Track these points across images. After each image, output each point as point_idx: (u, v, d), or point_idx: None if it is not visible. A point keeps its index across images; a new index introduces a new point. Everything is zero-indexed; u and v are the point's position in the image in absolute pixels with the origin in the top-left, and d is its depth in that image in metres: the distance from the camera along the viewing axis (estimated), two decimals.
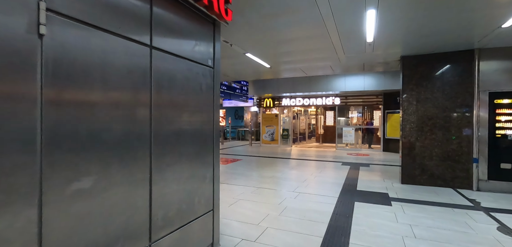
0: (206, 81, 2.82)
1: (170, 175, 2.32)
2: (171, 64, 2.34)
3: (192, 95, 2.61)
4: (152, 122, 2.12)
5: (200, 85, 2.72)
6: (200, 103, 2.73)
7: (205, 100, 2.80)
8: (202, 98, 2.76)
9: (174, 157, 2.37)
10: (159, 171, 2.19)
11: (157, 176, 2.18)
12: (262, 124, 16.41)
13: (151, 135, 2.11)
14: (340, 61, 6.85)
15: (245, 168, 8.28)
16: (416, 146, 6.15)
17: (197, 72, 2.67)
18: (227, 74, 9.07)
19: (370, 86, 12.44)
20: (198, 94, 2.69)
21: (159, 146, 2.20)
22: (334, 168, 8.35)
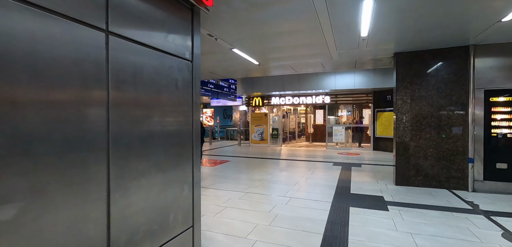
0: (183, 76, 2.40)
1: (135, 190, 1.89)
2: (137, 55, 1.91)
3: (165, 92, 2.19)
4: (109, 125, 1.69)
5: (176, 80, 2.30)
6: (175, 101, 2.31)
7: (181, 97, 2.39)
8: (178, 96, 2.34)
9: (142, 167, 1.95)
10: (120, 187, 1.76)
11: (118, 194, 1.75)
12: (251, 123, 16.03)
13: (108, 142, 1.68)
14: (332, 58, 6.55)
15: (233, 171, 7.88)
16: (411, 146, 5.92)
17: (171, 66, 2.25)
18: (214, 71, 8.63)
19: (360, 85, 12.29)
20: (173, 91, 2.27)
21: (121, 155, 1.77)
22: (325, 169, 8.07)
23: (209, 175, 7.31)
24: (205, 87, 11.29)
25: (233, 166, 8.77)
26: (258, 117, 15.91)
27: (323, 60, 6.92)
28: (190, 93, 2.51)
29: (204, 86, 11.21)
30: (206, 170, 8.03)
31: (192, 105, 2.53)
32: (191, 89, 2.51)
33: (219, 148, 14.64)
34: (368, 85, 12.17)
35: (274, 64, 7.42)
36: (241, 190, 5.63)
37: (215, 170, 7.96)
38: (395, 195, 5.26)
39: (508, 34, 4.81)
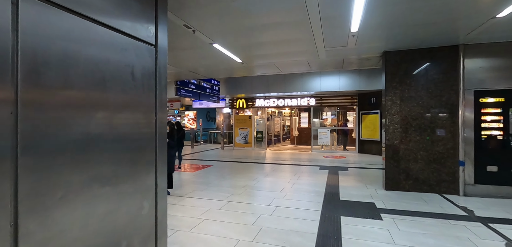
0: (143, 64, 1.90)
1: (64, 213, 1.36)
2: (69, 30, 1.39)
3: (116, 83, 1.68)
4: (19, 126, 1.16)
5: (132, 69, 1.79)
6: (131, 95, 1.80)
7: (141, 91, 1.88)
8: (136, 88, 1.83)
9: (76, 180, 1.43)
10: (36, 211, 1.23)
11: (32, 221, 1.22)
12: (235, 126, 15.52)
13: (16, 147, 1.15)
14: (319, 56, 6.22)
15: (215, 176, 7.34)
16: (400, 149, 5.67)
17: (126, 49, 1.75)
18: (196, 71, 8.07)
19: (346, 86, 12.14)
20: (127, 82, 1.76)
21: (40, 165, 1.24)
22: (312, 173, 7.72)
23: (189, 181, 6.73)
24: (185, 87, 10.68)
25: (215, 171, 8.23)
26: (242, 119, 15.43)
27: (310, 59, 6.58)
28: (154, 86, 2.00)
29: (184, 86, 10.60)
30: (185, 176, 7.44)
31: (155, 102, 2.02)
32: (154, 81, 2.00)
33: (202, 152, 14.00)
34: (353, 87, 12.04)
35: (258, 63, 6.99)
36: (222, 199, 5.12)
37: (196, 176, 7.39)
38: (386, 201, 4.96)
39: (500, 33, 4.66)
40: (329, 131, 13.87)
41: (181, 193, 5.56)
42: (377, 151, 12.35)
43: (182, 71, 7.99)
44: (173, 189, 5.66)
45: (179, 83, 10.20)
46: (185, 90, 10.67)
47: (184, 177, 7.32)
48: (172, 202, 4.91)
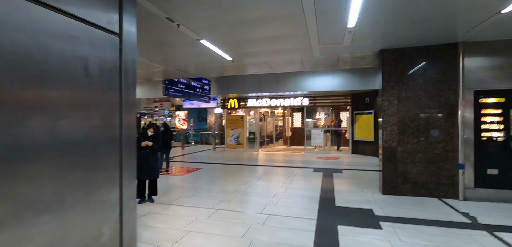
0: (102, 57, 1.53)
1: None
2: None
3: (59, 80, 1.31)
4: None
5: (85, 62, 1.43)
6: (83, 94, 1.44)
7: (98, 90, 1.52)
8: (90, 87, 1.47)
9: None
10: None
11: None
12: (227, 126, 15.15)
13: None
14: (313, 54, 5.93)
15: (205, 180, 6.97)
16: (398, 152, 5.43)
17: (74, 37, 1.38)
18: (185, 69, 7.68)
19: (339, 86, 11.93)
20: (78, 78, 1.40)
21: None
22: (306, 176, 7.43)
23: (176, 186, 6.34)
24: (174, 87, 10.24)
25: (205, 174, 7.85)
26: (234, 120, 15.07)
27: (304, 57, 6.28)
28: (117, 83, 1.64)
29: (173, 86, 10.16)
30: (173, 180, 7.04)
31: (120, 101, 1.66)
32: (118, 77, 1.64)
33: (192, 153, 13.57)
34: (347, 86, 11.84)
35: (250, 61, 6.65)
36: (211, 206, 4.76)
37: (184, 180, 7.00)
38: (384, 207, 4.69)
39: (502, 30, 4.45)
40: (322, 132, 13.64)
41: (166, 200, 5.17)
42: (371, 152, 12.18)
43: (170, 69, 7.59)
44: (158, 196, 5.27)
45: (167, 83, 9.76)
46: (174, 90, 10.23)
47: (171, 181, 6.92)
48: (155, 211, 4.53)
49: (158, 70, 7.41)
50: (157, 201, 5.08)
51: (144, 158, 4.89)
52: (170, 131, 8.10)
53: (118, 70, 1.65)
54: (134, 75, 1.79)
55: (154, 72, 7.86)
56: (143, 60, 6.28)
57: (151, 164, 4.95)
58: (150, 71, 7.72)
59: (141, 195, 5.04)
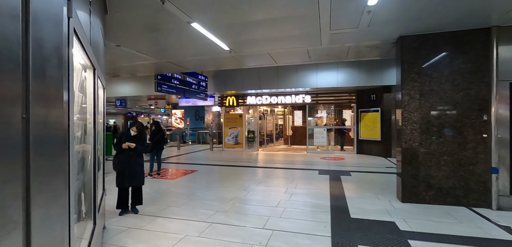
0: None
1: None
2: None
3: None
4: None
5: None
6: None
7: None
8: None
9: None
10: None
11: None
12: (225, 125, 14.42)
13: None
14: (322, 42, 5.21)
15: (200, 185, 6.25)
16: (420, 153, 4.73)
17: None
18: (178, 62, 6.95)
19: (344, 82, 11.23)
20: None
21: None
22: (311, 180, 6.72)
23: (166, 192, 5.62)
24: (168, 82, 9.50)
25: (201, 178, 7.13)
26: (232, 118, 14.34)
27: (310, 47, 5.57)
28: (18, 66, 0.92)
29: (166, 81, 9.42)
30: (164, 185, 6.31)
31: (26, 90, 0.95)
32: (20, 58, 0.93)
33: (188, 154, 12.85)
34: (352, 83, 11.14)
35: (249, 51, 5.93)
36: (204, 219, 4.05)
37: (176, 185, 6.27)
38: (408, 219, 3.99)
39: None
40: (325, 131, 12.95)
41: (153, 210, 4.45)
42: (378, 151, 11.50)
43: (162, 62, 6.85)
44: (143, 206, 4.55)
45: (159, 78, 9.02)
46: (167, 86, 9.49)
47: (161, 186, 6.19)
48: (138, 225, 3.81)
49: (147, 62, 6.67)
50: (142, 212, 4.35)
51: (126, 162, 4.16)
52: (161, 130, 7.37)
53: (19, 49, 0.92)
54: (57, 58, 1.08)
55: (144, 65, 7.12)
56: (128, 50, 5.54)
57: (134, 169, 4.22)
58: (138, 64, 6.97)
59: (123, 205, 4.31)
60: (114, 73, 8.47)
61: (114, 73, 8.47)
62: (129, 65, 7.16)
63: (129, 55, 5.92)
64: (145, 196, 5.18)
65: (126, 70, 8.02)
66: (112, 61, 6.66)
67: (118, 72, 8.49)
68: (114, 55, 6.14)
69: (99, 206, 2.92)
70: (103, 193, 3.54)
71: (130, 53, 5.75)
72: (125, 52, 5.73)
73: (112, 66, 7.26)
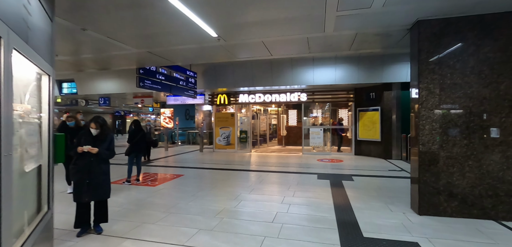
0: None
1: None
2: None
3: None
4: None
5: None
6: None
7: None
8: None
9: None
10: None
11: None
12: (216, 125, 13.58)
13: None
14: (325, 29, 4.48)
15: (184, 193, 5.43)
16: (440, 157, 4.04)
17: None
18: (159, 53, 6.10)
19: (342, 80, 10.57)
20: None
21: None
22: (310, 185, 5.99)
23: (142, 203, 4.77)
24: (151, 78, 8.62)
25: (186, 184, 6.31)
26: (223, 117, 13.52)
27: (312, 33, 4.82)
28: None
29: (150, 76, 8.54)
30: (141, 193, 5.46)
31: None
32: None
33: (176, 155, 11.96)
34: (351, 80, 10.49)
35: (240, 39, 5.14)
36: (183, 241, 3.25)
37: (156, 193, 5.44)
38: (433, 237, 3.29)
39: None
40: (322, 131, 12.27)
41: (121, 229, 3.62)
42: (377, 153, 10.89)
43: (140, 53, 5.99)
44: (110, 223, 3.71)
45: (142, 72, 8.14)
46: (151, 82, 8.61)
47: (139, 195, 5.34)
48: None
49: (124, 53, 5.80)
50: (107, 231, 3.52)
51: (86, 170, 3.32)
52: (142, 130, 6.51)
53: None
54: None
55: (121, 57, 6.23)
56: (97, 35, 4.68)
57: (97, 178, 3.38)
58: (114, 55, 6.08)
59: (83, 223, 3.47)
60: (80, 66, 7.46)
61: (80, 66, 7.46)
62: (103, 56, 6.26)
63: (100, 42, 5.05)
64: (116, 209, 4.35)
65: (100, 63, 7.09)
66: (80, 50, 5.76)
67: (89, 65, 7.49)
68: (84, 44, 5.27)
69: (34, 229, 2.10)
70: (49, 211, 2.70)
71: (100, 40, 4.89)
72: (95, 39, 4.86)
73: (82, 56, 6.33)
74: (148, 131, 10.17)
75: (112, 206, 4.44)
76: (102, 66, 7.64)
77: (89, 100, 16.53)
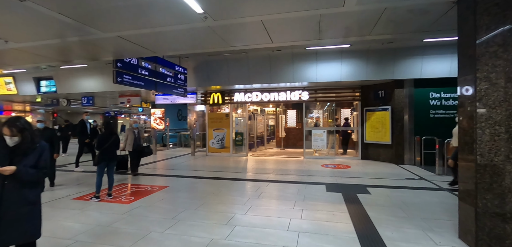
0: None
1: None
2: None
3: None
4: None
5: None
6: None
7: None
8: None
9: None
10: None
11: None
12: (209, 126, 12.41)
13: None
14: (345, 3, 3.38)
15: (162, 214, 4.28)
16: (506, 172, 2.96)
17: None
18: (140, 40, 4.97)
19: (349, 76, 9.50)
20: None
21: None
22: (319, 202, 4.88)
23: (104, 232, 3.60)
24: (132, 72, 7.43)
25: (169, 200, 5.16)
26: (217, 118, 12.36)
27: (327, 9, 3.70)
28: None
29: (130, 70, 7.36)
30: (108, 214, 4.29)
31: None
32: None
33: (165, 160, 10.77)
34: (359, 76, 9.43)
35: (233, 18, 4.00)
36: None
37: (127, 215, 4.28)
38: None
39: None
40: (325, 133, 11.19)
41: None
42: (387, 157, 9.84)
43: (109, 39, 4.82)
44: None
45: (120, 65, 6.95)
46: (131, 77, 7.42)
47: (103, 218, 4.17)
48: None
49: (88, 37, 4.63)
50: None
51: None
52: (114, 134, 5.33)
53: None
54: None
55: (86, 43, 5.06)
56: (42, 10, 3.51)
57: (14, 212, 2.22)
58: (77, 42, 4.89)
59: None
60: (39, 56, 6.17)
61: (39, 56, 6.17)
62: (63, 45, 5.06)
63: (51, 22, 3.88)
64: (65, 242, 3.18)
65: (62, 52, 5.85)
66: (33, 34, 4.57)
67: (50, 55, 6.20)
68: (31, 24, 4.09)
69: None
70: None
71: (50, 18, 3.72)
72: (42, 16, 3.69)
73: (37, 44, 5.12)
74: (136, 136, 7.64)
75: (62, 238, 3.28)
76: (65, 58, 6.43)
77: (71, 100, 15.23)
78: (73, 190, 5.81)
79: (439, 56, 8.62)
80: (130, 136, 7.63)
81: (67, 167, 8.85)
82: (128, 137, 7.64)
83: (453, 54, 8.46)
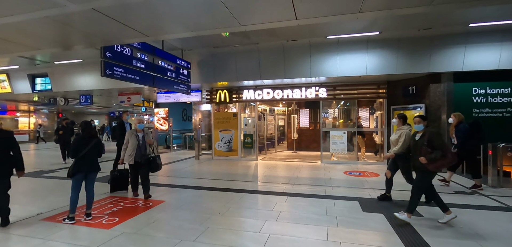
0: None
1: None
2: None
3: None
4: None
5: None
6: None
7: None
8: None
9: None
10: None
11: None
12: (215, 127, 11.27)
13: None
14: None
15: (152, 242, 3.16)
16: None
17: None
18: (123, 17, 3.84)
19: (375, 69, 8.23)
20: None
21: None
22: (360, 228, 3.65)
23: None
24: (124, 64, 6.34)
25: (161, 221, 4.01)
26: (224, 118, 11.21)
27: None
28: None
29: (122, 62, 6.27)
30: (85, 242, 3.17)
31: None
32: None
33: (166, 165, 9.67)
34: (387, 70, 8.16)
35: None
36: None
37: (108, 244, 3.15)
38: None
39: None
40: (345, 134, 9.91)
41: None
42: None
43: (84, 13, 3.70)
44: None
45: (109, 54, 5.86)
46: (123, 69, 6.33)
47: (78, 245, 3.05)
48: None
49: (54, 12, 3.54)
50: None
51: None
52: (96, 137, 4.21)
53: None
54: None
55: (51, 23, 3.96)
56: None
57: None
58: (38, 20, 3.80)
59: None
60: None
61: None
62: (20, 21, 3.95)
63: None
64: None
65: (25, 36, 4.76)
66: None
67: (13, 39, 5.16)
68: None
69: None
70: None
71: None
72: None
73: None
74: (140, 142, 5.20)
75: None
76: (35, 46, 5.31)
77: (69, 98, 14.33)
78: (52, 204, 4.76)
79: (487, 44, 7.27)
80: (132, 142, 5.20)
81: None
82: (128, 144, 5.24)
83: (504, 41, 7.11)
